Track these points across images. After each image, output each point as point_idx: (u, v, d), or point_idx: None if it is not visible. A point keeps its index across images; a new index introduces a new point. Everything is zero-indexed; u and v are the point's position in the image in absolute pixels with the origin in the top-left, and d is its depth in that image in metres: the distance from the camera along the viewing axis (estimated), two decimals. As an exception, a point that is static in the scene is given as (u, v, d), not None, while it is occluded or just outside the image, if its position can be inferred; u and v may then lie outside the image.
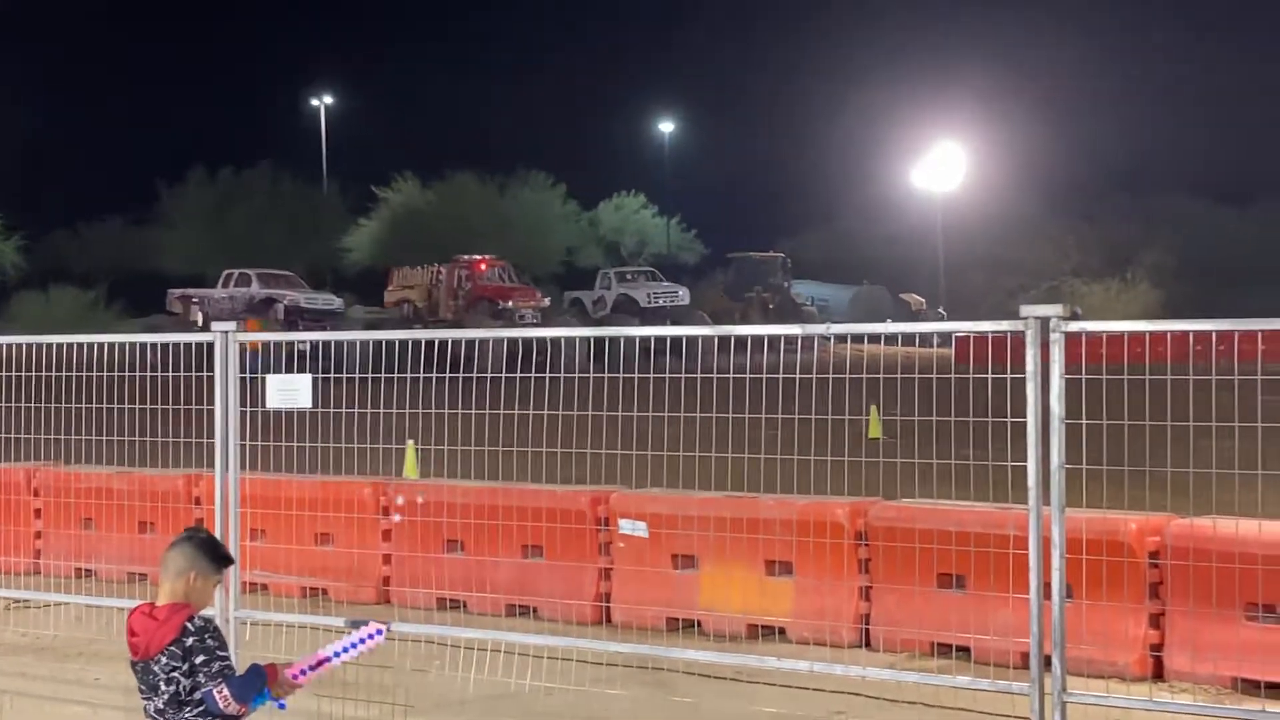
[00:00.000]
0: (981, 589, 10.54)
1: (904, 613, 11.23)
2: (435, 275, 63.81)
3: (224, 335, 10.62)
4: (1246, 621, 9.88)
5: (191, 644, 5.87)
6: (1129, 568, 10.22)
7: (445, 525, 12.87)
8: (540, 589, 12.54)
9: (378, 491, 13.50)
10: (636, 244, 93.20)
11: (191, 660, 5.85)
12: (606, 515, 12.52)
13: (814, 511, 11.56)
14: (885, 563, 11.36)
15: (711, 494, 12.31)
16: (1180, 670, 10.16)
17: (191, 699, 5.86)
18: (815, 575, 11.59)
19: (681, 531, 12.03)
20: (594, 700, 10.33)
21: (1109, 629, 10.12)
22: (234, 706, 5.86)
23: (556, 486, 12.73)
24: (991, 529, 10.28)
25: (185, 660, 5.86)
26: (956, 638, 10.74)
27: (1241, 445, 8.66)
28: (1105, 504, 9.51)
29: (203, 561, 6.09)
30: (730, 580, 11.86)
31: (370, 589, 13.42)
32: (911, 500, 12.11)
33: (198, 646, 5.86)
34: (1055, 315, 8.18)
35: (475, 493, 12.79)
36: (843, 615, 11.49)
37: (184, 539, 6.17)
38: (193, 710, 5.87)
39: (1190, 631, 10.07)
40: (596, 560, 12.58)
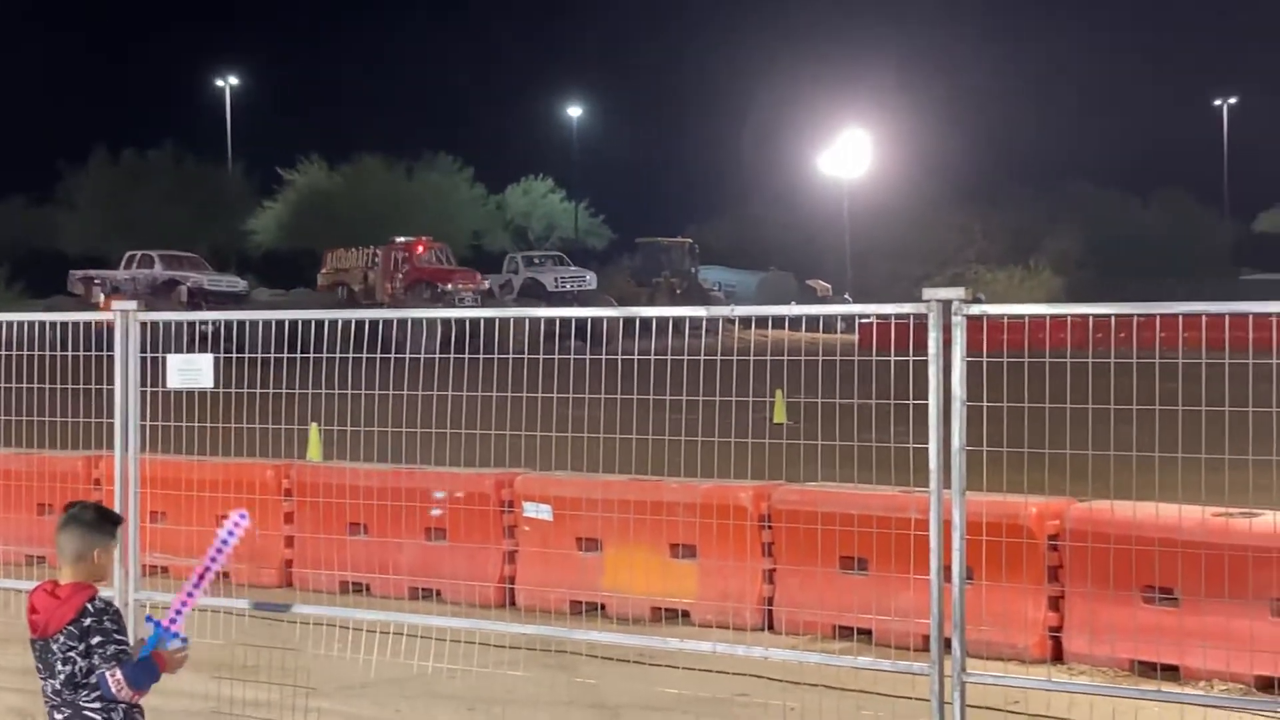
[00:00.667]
0: (883, 571, 10.61)
1: (807, 595, 11.28)
2: (371, 257, 63.35)
3: (124, 315, 10.50)
4: (1144, 604, 10.00)
5: (89, 624, 5.81)
6: (1029, 550, 10.32)
7: (348, 507, 12.80)
8: (444, 571, 12.50)
9: (280, 473, 13.41)
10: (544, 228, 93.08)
11: (88, 641, 5.79)
12: (511, 498, 12.50)
13: (718, 495, 11.59)
14: (788, 545, 11.41)
15: (616, 477, 12.31)
16: (1079, 652, 10.26)
17: (87, 682, 5.79)
18: (719, 558, 11.62)
19: (586, 514, 12.03)
20: (496, 682, 10.31)
21: (1009, 611, 10.22)
22: (127, 692, 5.80)
23: (461, 469, 12.69)
24: (893, 512, 10.34)
25: (82, 641, 5.79)
26: (858, 619, 10.80)
27: (1140, 429, 8.76)
28: (1006, 487, 9.59)
29: (97, 536, 6.02)
30: (634, 563, 11.88)
31: (272, 571, 13.33)
32: (815, 484, 12.17)
33: (95, 628, 5.80)
34: (957, 298, 8.24)
35: (379, 475, 12.73)
36: (746, 598, 11.53)
37: (71, 520, 6.07)
38: (88, 694, 5.80)
39: (1089, 614, 10.17)
40: (500, 543, 12.56)
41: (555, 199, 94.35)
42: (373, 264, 63.01)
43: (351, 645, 10.82)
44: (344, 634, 11.04)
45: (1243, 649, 9.48)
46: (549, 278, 64.30)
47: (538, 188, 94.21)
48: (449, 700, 10.07)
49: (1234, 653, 9.51)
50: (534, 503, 12.29)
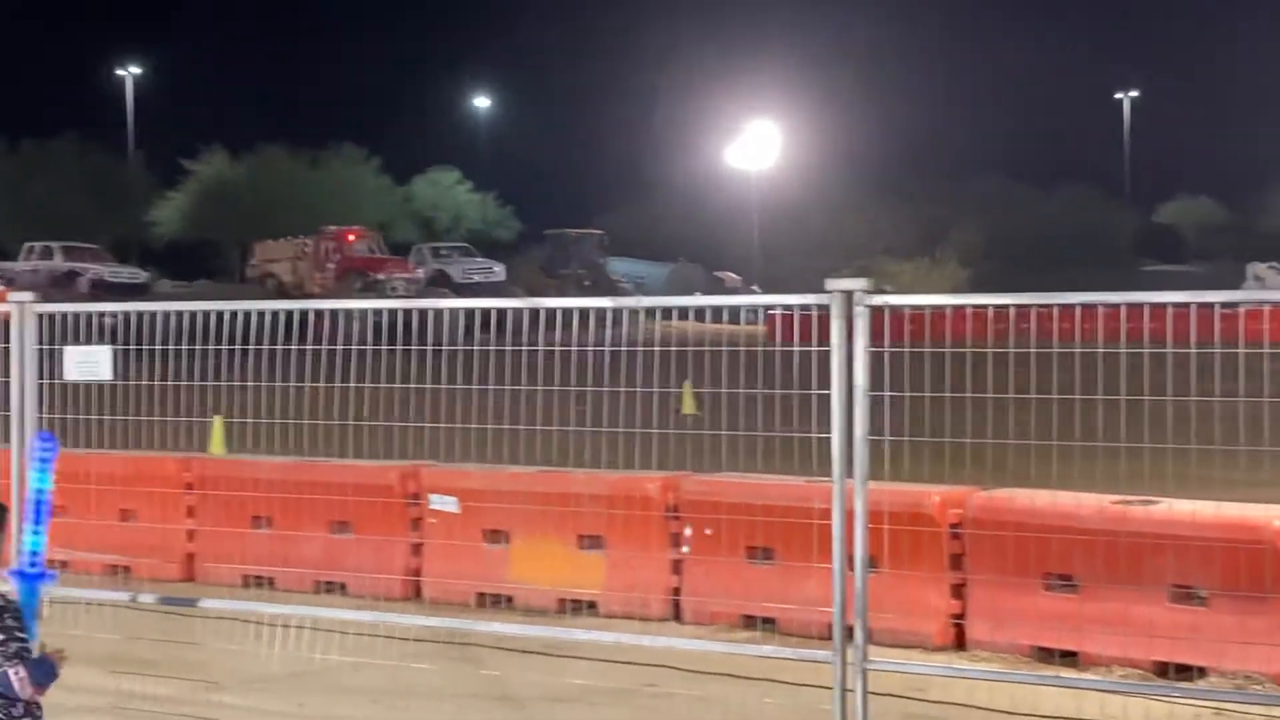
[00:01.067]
0: (789, 561, 10.66)
1: (713, 585, 11.32)
2: (301, 248, 62.82)
3: (20, 306, 10.37)
4: (1044, 591, 10.11)
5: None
6: (931, 539, 10.40)
7: (251, 500, 12.71)
8: (349, 564, 12.45)
9: (182, 467, 13.31)
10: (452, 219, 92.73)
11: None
12: (417, 490, 12.46)
13: (625, 486, 11.61)
14: (695, 536, 11.44)
15: (523, 469, 12.30)
16: (981, 639, 10.36)
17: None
18: (626, 549, 11.65)
19: (492, 506, 12.02)
20: (402, 675, 10.28)
21: (912, 599, 10.30)
22: (29, 690, 5.71)
23: (366, 461, 12.64)
24: (798, 502, 10.40)
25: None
26: (763, 609, 10.85)
27: (1040, 419, 8.85)
28: (909, 477, 9.67)
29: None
30: (541, 555, 11.88)
31: (175, 566, 13.23)
32: (721, 474, 12.21)
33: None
34: (859, 289, 8.29)
35: (283, 468, 12.65)
36: (653, 588, 11.55)
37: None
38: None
39: (990, 601, 10.27)
40: (406, 535, 12.51)
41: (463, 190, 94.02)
42: (302, 255, 62.53)
43: (255, 639, 10.75)
44: (247, 628, 10.97)
45: (1140, 635, 9.61)
46: (456, 269, 64.06)
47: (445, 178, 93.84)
48: (354, 694, 10.03)
49: (1131, 638, 9.63)
50: (440, 495, 12.26)
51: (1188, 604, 9.66)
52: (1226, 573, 9.37)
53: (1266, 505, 9.48)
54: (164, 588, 12.38)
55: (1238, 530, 9.27)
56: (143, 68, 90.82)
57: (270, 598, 12.15)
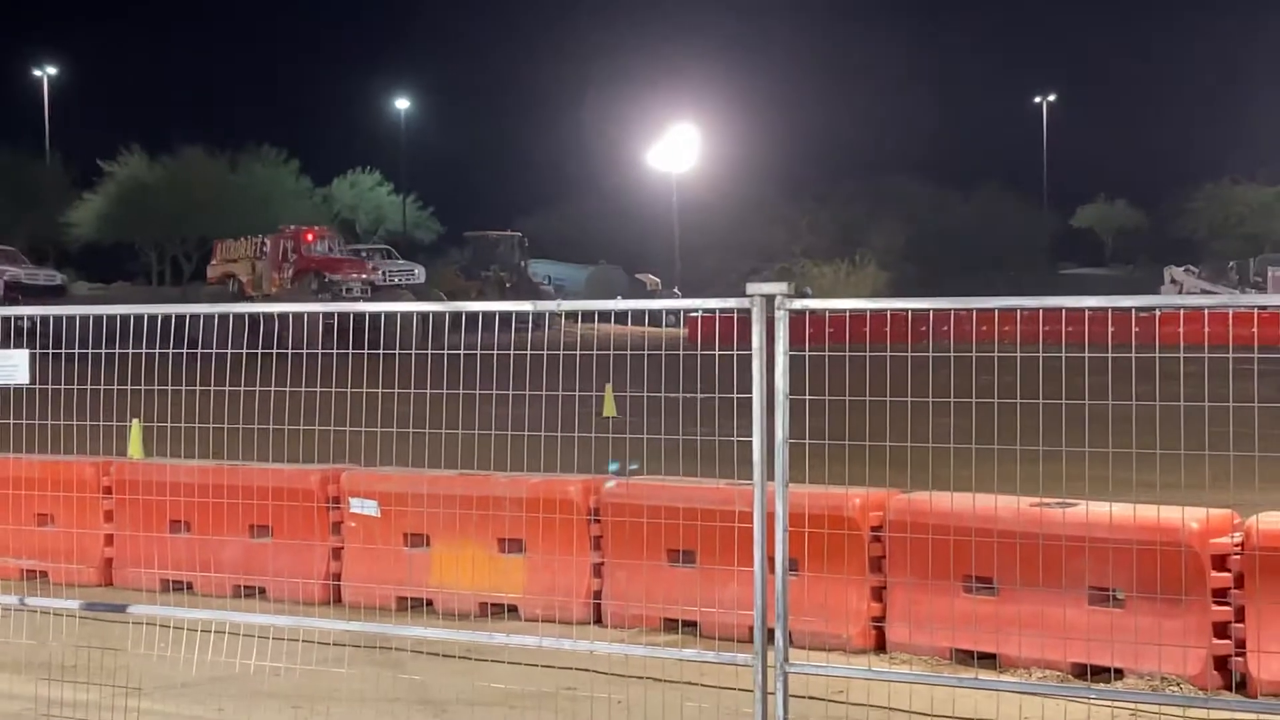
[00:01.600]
0: (710, 564, 10.69)
1: (635, 588, 11.33)
2: (259, 248, 62.35)
3: (-64, 310, 10.26)
4: (963, 593, 10.18)
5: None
6: (852, 542, 10.45)
7: (170, 504, 12.62)
8: (268, 569, 12.38)
9: (100, 471, 13.19)
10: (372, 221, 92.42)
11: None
12: (337, 494, 12.41)
13: (546, 489, 11.61)
14: (616, 539, 11.45)
15: (444, 472, 12.26)
16: (900, 641, 10.42)
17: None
18: (547, 552, 11.64)
19: (413, 510, 11.98)
20: (321, 679, 10.23)
21: (833, 602, 10.34)
22: None
23: (285, 465, 12.57)
24: (719, 505, 10.43)
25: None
26: (684, 612, 10.87)
27: (958, 421, 8.92)
28: (830, 480, 9.71)
29: None
30: (462, 558, 11.85)
31: (92, 570, 13.12)
32: (642, 477, 12.22)
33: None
34: (780, 293, 8.32)
35: (201, 472, 12.57)
36: (574, 592, 11.55)
37: None
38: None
39: (910, 604, 10.33)
40: (326, 539, 12.46)
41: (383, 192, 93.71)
42: (261, 254, 62.11)
43: (174, 644, 10.66)
44: (166, 633, 10.88)
45: (1058, 636, 9.69)
46: (378, 272, 63.84)
47: (365, 180, 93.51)
48: (273, 699, 9.97)
49: (1050, 640, 9.72)
50: (360, 498, 12.22)
51: (1105, 606, 9.76)
52: (1143, 574, 9.46)
53: (1182, 507, 9.58)
54: (82, 592, 12.26)
55: (1154, 532, 9.37)
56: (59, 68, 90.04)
57: (189, 602, 12.06)
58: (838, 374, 8.79)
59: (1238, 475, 8.94)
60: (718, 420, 8.99)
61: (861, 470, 10.04)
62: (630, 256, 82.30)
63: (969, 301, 8.44)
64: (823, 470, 9.53)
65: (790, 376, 8.36)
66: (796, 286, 8.61)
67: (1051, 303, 8.30)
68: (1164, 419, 8.81)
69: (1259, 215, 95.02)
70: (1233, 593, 9.40)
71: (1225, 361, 9.17)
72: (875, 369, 9.17)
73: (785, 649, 8.36)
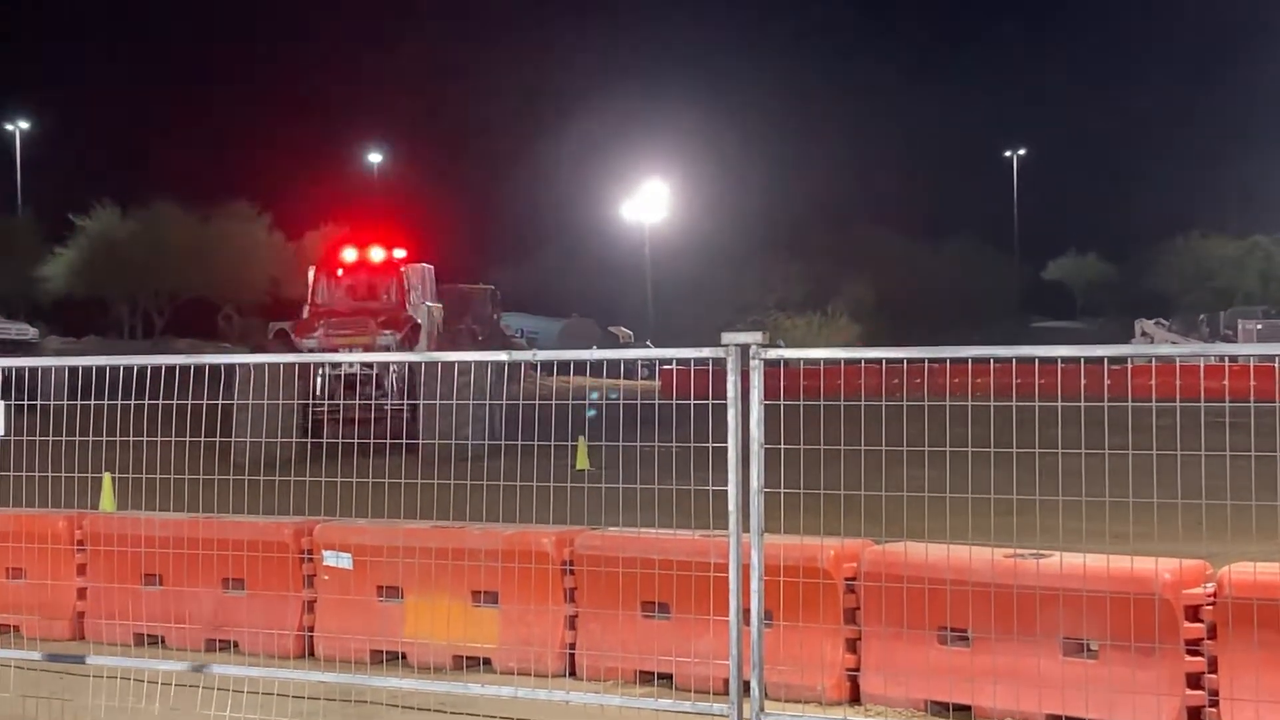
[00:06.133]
0: (684, 614, 10.67)
1: (609, 640, 11.31)
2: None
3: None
4: (937, 644, 10.18)
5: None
6: (827, 592, 10.45)
7: (143, 557, 12.57)
8: (241, 621, 12.32)
9: (72, 524, 13.13)
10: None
11: None
12: (310, 546, 12.37)
13: (520, 541, 11.59)
14: (590, 591, 11.43)
15: (418, 524, 12.24)
16: (875, 693, 10.40)
17: None
18: (521, 604, 11.61)
19: (387, 561, 11.95)
20: (296, 733, 10.19)
21: (807, 653, 10.33)
22: None
23: (259, 517, 12.53)
24: (693, 556, 10.42)
25: None
26: (659, 663, 10.85)
27: (931, 472, 8.95)
28: (804, 530, 9.72)
29: None
30: (436, 610, 11.81)
31: (64, 624, 13.04)
32: (617, 529, 12.22)
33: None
34: (755, 343, 8.37)
35: (174, 524, 12.52)
36: (549, 643, 11.52)
37: None
38: None
39: (885, 655, 10.33)
40: (300, 592, 12.41)
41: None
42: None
43: (146, 697, 10.62)
44: (139, 687, 10.84)
45: (1032, 687, 9.70)
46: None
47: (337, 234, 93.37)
48: (247, 752, 9.92)
49: (1024, 691, 9.72)
50: (334, 551, 12.18)
51: (1079, 656, 9.77)
52: (1116, 625, 9.48)
53: (1155, 558, 9.61)
54: (54, 646, 12.20)
55: (1127, 582, 9.39)
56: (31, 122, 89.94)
57: (162, 655, 12.01)
58: (812, 424, 8.82)
59: (1210, 526, 8.98)
60: (693, 470, 9.00)
61: (836, 520, 10.06)
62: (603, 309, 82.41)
63: (942, 351, 8.49)
64: (797, 520, 9.55)
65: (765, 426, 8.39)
66: (770, 337, 8.65)
67: (1024, 352, 8.35)
68: (1137, 470, 8.86)
69: (1229, 269, 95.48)
70: (1205, 643, 9.41)
71: (1197, 413, 9.23)
72: (849, 419, 9.20)
73: (760, 700, 8.37)
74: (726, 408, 8.42)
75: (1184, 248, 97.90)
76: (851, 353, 9.27)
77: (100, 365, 10.63)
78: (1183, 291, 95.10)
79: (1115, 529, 8.92)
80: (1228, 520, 8.86)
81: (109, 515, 14.14)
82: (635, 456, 10.48)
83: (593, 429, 11.39)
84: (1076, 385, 9.43)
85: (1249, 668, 9.20)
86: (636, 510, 12.60)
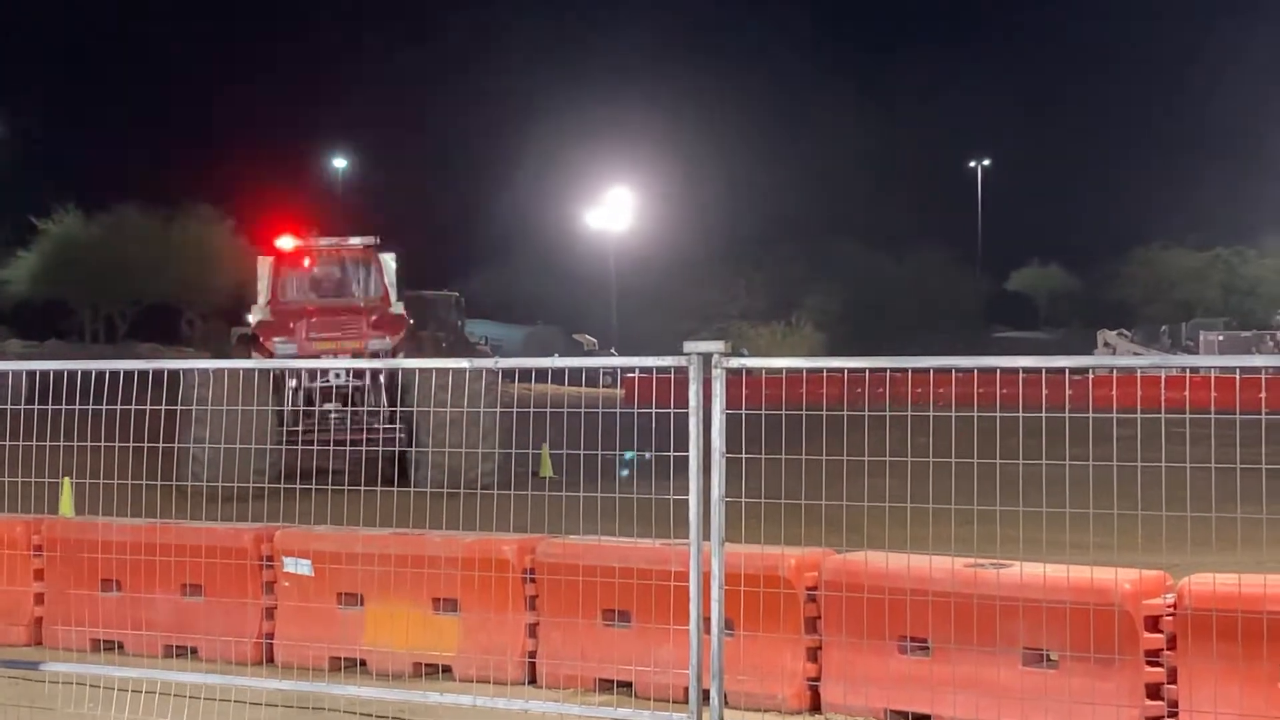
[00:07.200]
0: (645, 623, 10.65)
1: (570, 648, 11.27)
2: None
3: None
4: (898, 654, 10.18)
5: None
6: (788, 601, 10.44)
7: (101, 563, 12.49)
8: (199, 628, 12.26)
9: (30, 529, 13.05)
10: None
11: None
12: (270, 553, 12.31)
13: (481, 548, 11.55)
14: (551, 599, 11.40)
15: (378, 531, 12.19)
16: (835, 702, 10.39)
17: None
18: (482, 612, 11.57)
19: (347, 568, 11.90)
20: (254, 740, 10.13)
21: (768, 662, 10.32)
22: None
23: (218, 523, 12.47)
24: (655, 564, 10.40)
25: None
26: (620, 672, 10.83)
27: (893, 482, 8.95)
28: (766, 539, 9.71)
29: None
30: (396, 618, 11.76)
31: (21, 629, 12.95)
32: (578, 537, 12.19)
33: None
34: (717, 352, 8.35)
35: (133, 530, 12.44)
36: (509, 651, 11.48)
37: None
38: None
39: (845, 664, 10.32)
40: (259, 599, 12.35)
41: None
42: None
43: (103, 704, 10.55)
44: (96, 693, 10.77)
45: (992, 697, 9.70)
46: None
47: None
48: (204, 759, 9.87)
49: (984, 701, 9.72)
50: (294, 557, 12.12)
51: (1039, 666, 9.78)
52: (1076, 636, 9.49)
53: (1115, 568, 9.63)
54: (10, 652, 12.12)
55: (1087, 593, 9.40)
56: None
57: (120, 661, 11.94)
58: (774, 434, 8.82)
59: (1170, 537, 9.01)
60: (654, 479, 8.99)
61: (797, 530, 10.06)
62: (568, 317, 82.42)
63: (904, 361, 8.50)
64: (759, 529, 9.54)
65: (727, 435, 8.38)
66: (733, 346, 8.64)
67: (986, 362, 8.36)
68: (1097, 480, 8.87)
69: (1191, 280, 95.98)
70: (1165, 654, 9.43)
71: (1158, 424, 9.26)
72: (811, 429, 9.20)
73: (720, 709, 8.35)
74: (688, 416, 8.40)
75: (1146, 259, 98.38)
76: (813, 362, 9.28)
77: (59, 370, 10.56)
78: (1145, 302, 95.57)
79: (1075, 539, 8.94)
80: (1188, 531, 8.88)
81: (67, 520, 14.05)
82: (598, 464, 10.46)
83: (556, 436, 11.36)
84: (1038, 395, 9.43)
85: (1208, 679, 9.22)
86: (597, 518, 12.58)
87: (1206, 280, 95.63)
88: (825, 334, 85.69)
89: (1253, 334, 72.21)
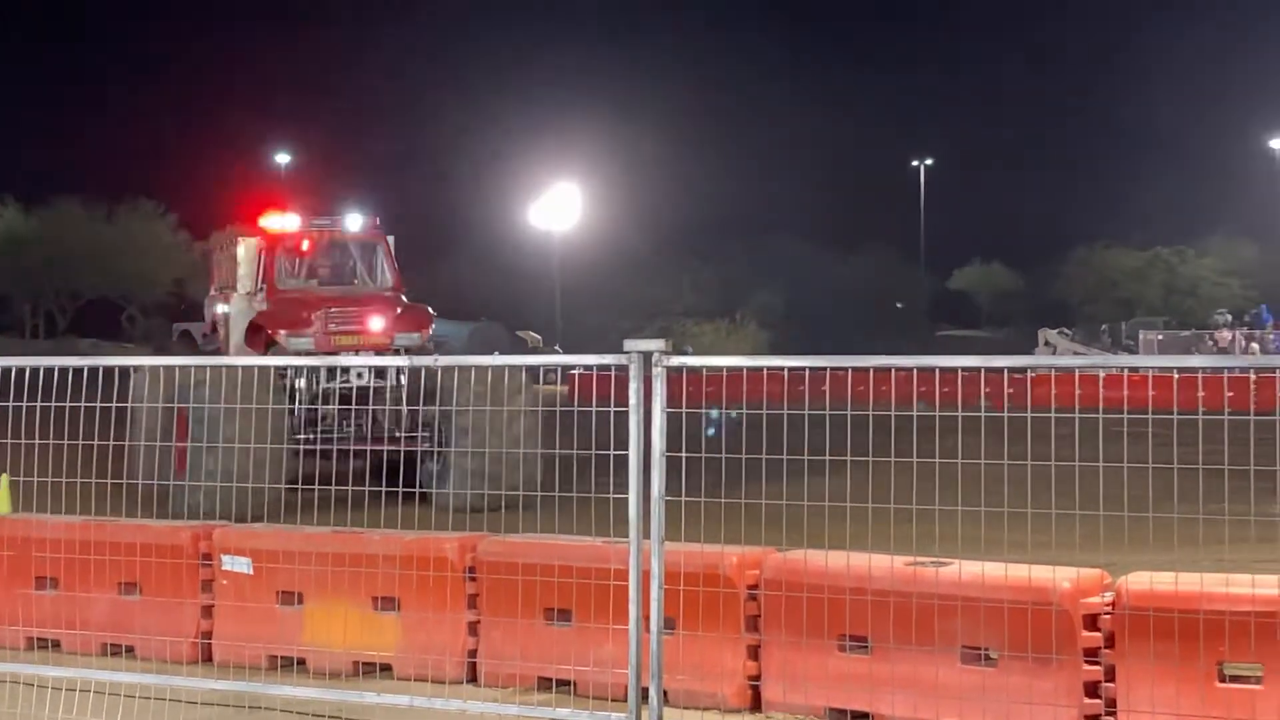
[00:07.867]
0: (585, 622, 10.63)
1: (511, 647, 11.23)
2: None
3: None
4: (838, 652, 10.19)
5: None
6: (728, 600, 10.43)
7: (36, 560, 12.37)
8: (137, 626, 12.15)
9: (-35, 526, 12.92)
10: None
11: None
12: (208, 551, 12.22)
13: (421, 547, 11.49)
14: (492, 597, 11.36)
15: (318, 529, 12.12)
16: (776, 700, 10.39)
17: None
18: (422, 610, 11.51)
19: (285, 567, 11.82)
20: (190, 740, 10.06)
21: (709, 660, 10.31)
22: None
23: (156, 521, 12.37)
24: (595, 563, 10.37)
25: None
26: (560, 671, 10.80)
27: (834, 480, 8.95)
28: (706, 537, 9.70)
29: None
30: (335, 616, 11.69)
31: (-45, 628, 12.81)
32: (519, 535, 12.15)
33: None
34: (657, 350, 8.33)
35: (69, 527, 12.33)
36: (449, 650, 11.43)
37: None
38: None
39: (786, 662, 10.32)
40: (197, 597, 12.25)
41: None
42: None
43: (38, 703, 10.45)
44: (30, 691, 10.66)
45: (931, 695, 9.72)
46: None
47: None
48: (139, 759, 9.79)
49: (923, 699, 9.74)
50: (232, 555, 12.04)
51: (978, 665, 9.80)
52: (1015, 634, 9.52)
53: (1053, 567, 9.66)
54: (-57, 651, 11.98)
55: (1026, 592, 9.43)
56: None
57: (56, 660, 11.82)
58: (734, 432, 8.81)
59: (1107, 535, 9.04)
60: (594, 477, 8.96)
61: (738, 528, 10.05)
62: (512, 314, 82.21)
63: (846, 360, 8.50)
64: (699, 528, 9.53)
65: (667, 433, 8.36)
66: (676, 344, 8.63)
67: (926, 362, 8.38)
68: (1035, 479, 8.90)
69: (1131, 279, 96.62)
70: (1103, 652, 9.47)
71: (1096, 423, 9.29)
72: (752, 427, 9.18)
73: (660, 708, 8.33)
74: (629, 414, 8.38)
75: (1088, 258, 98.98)
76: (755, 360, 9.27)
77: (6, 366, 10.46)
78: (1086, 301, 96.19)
79: (1014, 538, 8.97)
80: (1125, 530, 8.92)
81: (3, 517, 13.91)
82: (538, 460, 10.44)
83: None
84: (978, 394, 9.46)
85: (1146, 677, 9.26)
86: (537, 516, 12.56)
87: (1147, 280, 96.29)
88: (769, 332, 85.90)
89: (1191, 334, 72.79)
